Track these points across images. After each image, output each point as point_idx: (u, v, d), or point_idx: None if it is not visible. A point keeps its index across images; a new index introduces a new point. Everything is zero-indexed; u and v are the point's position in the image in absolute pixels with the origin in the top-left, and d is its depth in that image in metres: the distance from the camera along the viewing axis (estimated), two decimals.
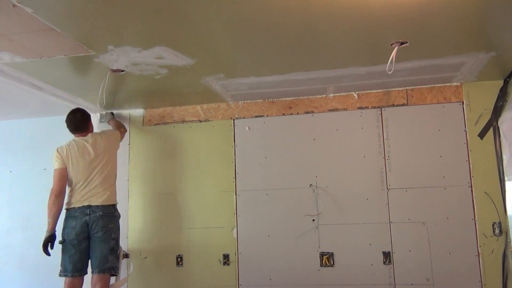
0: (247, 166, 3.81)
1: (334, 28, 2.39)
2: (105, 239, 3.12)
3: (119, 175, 3.50)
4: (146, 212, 3.93)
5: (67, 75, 3.05)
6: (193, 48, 2.63)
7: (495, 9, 2.22)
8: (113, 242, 3.17)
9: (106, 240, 3.13)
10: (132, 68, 2.93)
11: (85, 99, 3.64)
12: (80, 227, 3.09)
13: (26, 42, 2.42)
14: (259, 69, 3.08)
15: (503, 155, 3.32)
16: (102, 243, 3.11)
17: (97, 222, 3.11)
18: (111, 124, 3.87)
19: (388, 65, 2.78)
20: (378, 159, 3.60)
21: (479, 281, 3.31)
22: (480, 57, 2.94)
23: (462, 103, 3.53)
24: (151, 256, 3.85)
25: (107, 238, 3.13)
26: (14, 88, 3.22)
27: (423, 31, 2.47)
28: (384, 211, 3.52)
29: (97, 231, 3.10)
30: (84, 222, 3.10)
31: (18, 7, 1.98)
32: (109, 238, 3.14)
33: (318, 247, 3.59)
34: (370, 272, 3.48)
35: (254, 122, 3.87)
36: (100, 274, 3.09)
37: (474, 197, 3.40)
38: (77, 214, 3.12)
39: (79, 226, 3.09)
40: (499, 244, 3.30)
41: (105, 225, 3.14)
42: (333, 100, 3.76)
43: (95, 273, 3.10)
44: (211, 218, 3.80)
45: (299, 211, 3.65)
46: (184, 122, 4.00)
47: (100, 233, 3.11)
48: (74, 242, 3.09)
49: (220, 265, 3.72)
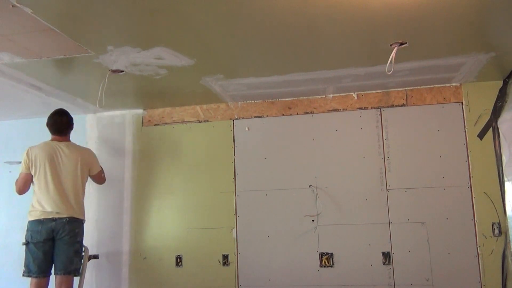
0: (246, 166, 3.81)
1: (333, 28, 2.39)
2: (72, 243, 3.18)
3: (119, 175, 3.50)
4: (146, 213, 3.92)
5: (67, 76, 3.05)
6: (192, 48, 2.63)
7: (495, 10, 2.22)
8: (77, 245, 3.24)
9: (72, 243, 3.19)
10: (132, 69, 2.93)
11: (84, 99, 3.64)
12: (46, 233, 3.12)
13: (25, 43, 2.42)
14: (258, 69, 3.08)
15: (502, 155, 3.32)
16: (69, 245, 3.17)
17: (64, 227, 3.15)
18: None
19: (387, 66, 2.78)
20: (377, 159, 3.60)
21: (479, 281, 3.31)
22: (479, 58, 2.94)
23: (461, 103, 3.53)
24: (150, 257, 3.85)
25: (73, 241, 3.19)
26: (14, 88, 3.23)
27: (422, 31, 2.47)
28: (383, 211, 3.52)
29: (64, 235, 3.14)
30: (50, 228, 3.13)
31: (18, 8, 1.98)
32: (74, 241, 3.20)
33: (318, 248, 3.59)
34: (370, 272, 3.48)
35: (253, 123, 3.87)
36: (65, 275, 3.15)
37: (473, 197, 3.40)
38: (43, 220, 3.14)
39: (45, 231, 3.12)
40: (499, 245, 3.30)
41: (72, 229, 3.19)
42: (332, 101, 3.76)
43: (60, 274, 3.14)
44: (211, 218, 3.80)
45: (299, 212, 3.65)
46: (184, 123, 4.00)
47: (67, 237, 3.16)
48: (39, 245, 3.11)
49: (219, 266, 3.72)
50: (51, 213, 3.14)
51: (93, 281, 3.89)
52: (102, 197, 3.99)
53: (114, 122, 4.12)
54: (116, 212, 3.96)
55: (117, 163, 4.02)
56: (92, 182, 3.63)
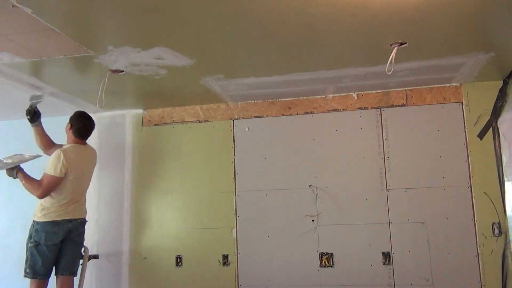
0: (246, 166, 3.81)
1: (333, 28, 2.39)
2: (80, 243, 3.24)
3: (119, 175, 3.51)
4: (146, 213, 3.93)
5: (67, 76, 3.05)
6: (192, 48, 2.63)
7: (495, 10, 2.22)
8: (82, 246, 3.31)
9: (80, 244, 3.26)
10: (132, 69, 2.93)
11: (84, 99, 3.63)
12: (63, 234, 3.12)
13: (25, 42, 2.42)
14: (258, 69, 3.08)
15: (502, 155, 3.32)
16: (77, 246, 3.22)
17: (78, 228, 3.20)
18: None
19: (387, 66, 2.78)
20: (377, 159, 3.60)
21: (479, 281, 3.31)
22: (479, 58, 2.94)
23: (461, 103, 3.53)
24: (150, 257, 3.85)
25: (80, 242, 3.26)
26: (14, 88, 3.22)
27: (422, 31, 2.47)
28: (383, 211, 3.52)
29: (75, 236, 3.18)
30: (67, 228, 3.13)
31: (18, 8, 1.98)
32: (81, 241, 3.27)
33: (318, 248, 3.59)
34: (370, 272, 3.48)
35: (253, 123, 3.87)
36: (69, 276, 3.18)
37: (473, 197, 3.40)
38: (60, 221, 3.13)
39: (62, 232, 3.11)
40: (499, 245, 3.30)
41: (83, 231, 3.26)
42: (332, 101, 3.76)
43: (64, 275, 3.15)
44: (211, 218, 3.80)
45: (299, 212, 3.65)
46: (184, 123, 4.00)
47: (78, 238, 3.21)
48: (53, 247, 3.08)
49: (219, 266, 3.72)
50: (69, 214, 3.14)
51: (93, 281, 3.89)
52: (102, 197, 4.00)
53: (114, 122, 4.12)
54: (116, 212, 3.96)
55: (117, 163, 4.03)
56: (93, 180, 3.61)
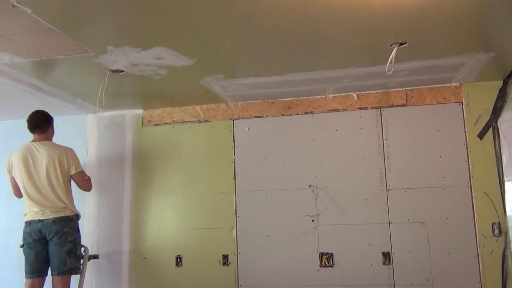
0: (246, 166, 3.81)
1: (333, 28, 2.39)
2: (63, 243, 3.17)
3: (119, 175, 3.49)
4: (146, 213, 3.93)
5: (67, 76, 3.05)
6: (192, 48, 2.63)
7: (495, 10, 2.22)
8: (70, 245, 3.20)
9: (63, 244, 3.17)
10: (132, 69, 2.93)
11: (84, 99, 3.64)
12: (34, 234, 3.15)
13: (25, 42, 2.42)
14: (258, 69, 3.08)
15: (502, 155, 3.32)
16: (60, 246, 3.16)
17: (50, 228, 3.15)
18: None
19: (387, 66, 2.79)
20: (377, 159, 3.60)
21: (479, 281, 3.31)
22: (479, 58, 2.94)
23: (461, 103, 3.53)
24: (150, 256, 3.85)
25: (63, 241, 3.17)
26: (14, 88, 3.22)
27: (422, 31, 2.47)
28: (383, 211, 3.52)
29: (52, 236, 3.15)
30: (37, 228, 3.15)
31: (18, 8, 1.98)
32: (65, 241, 3.18)
33: (318, 248, 3.59)
34: (370, 272, 3.48)
35: (253, 123, 3.87)
36: (60, 276, 3.16)
37: (473, 197, 3.40)
38: (31, 221, 3.18)
39: (33, 232, 3.15)
40: (499, 245, 3.30)
41: (59, 230, 3.17)
42: (332, 101, 3.76)
43: (54, 275, 3.16)
44: (211, 218, 3.80)
45: (299, 212, 3.65)
46: (184, 123, 4.00)
47: (56, 237, 3.15)
48: (31, 245, 3.15)
49: (219, 266, 3.72)
50: (37, 214, 3.16)
51: (93, 281, 3.89)
52: (102, 197, 3.99)
53: (114, 122, 4.12)
54: (116, 212, 3.96)
55: (117, 163, 4.02)
56: (93, 181, 3.61)
